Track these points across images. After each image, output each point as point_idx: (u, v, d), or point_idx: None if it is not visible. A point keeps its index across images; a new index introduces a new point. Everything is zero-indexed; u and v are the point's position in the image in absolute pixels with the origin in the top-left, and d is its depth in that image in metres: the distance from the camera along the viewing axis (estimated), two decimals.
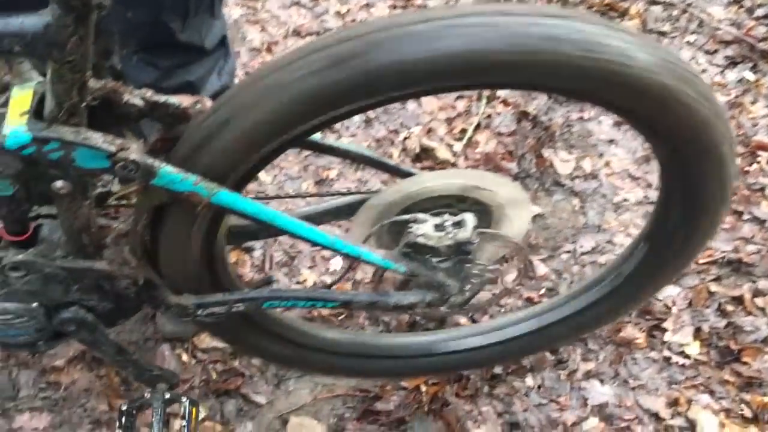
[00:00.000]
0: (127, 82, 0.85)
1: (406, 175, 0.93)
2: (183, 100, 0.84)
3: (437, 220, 0.86)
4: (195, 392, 1.42)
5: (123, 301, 0.93)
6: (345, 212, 0.99)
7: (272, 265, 1.64)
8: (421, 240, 0.85)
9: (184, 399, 1.13)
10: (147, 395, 1.12)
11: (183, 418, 1.12)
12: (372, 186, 1.78)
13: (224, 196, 0.81)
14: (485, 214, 0.88)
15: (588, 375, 1.48)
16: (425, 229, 0.85)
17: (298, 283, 1.62)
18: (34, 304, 0.93)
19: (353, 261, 0.86)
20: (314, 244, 0.86)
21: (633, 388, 1.46)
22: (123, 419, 1.11)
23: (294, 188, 1.78)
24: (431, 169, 1.85)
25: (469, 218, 0.86)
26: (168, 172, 0.79)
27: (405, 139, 1.90)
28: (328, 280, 1.63)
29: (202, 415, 1.39)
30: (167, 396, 1.11)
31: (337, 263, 1.65)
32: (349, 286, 1.60)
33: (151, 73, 1.18)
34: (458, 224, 0.85)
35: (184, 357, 1.47)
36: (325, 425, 1.39)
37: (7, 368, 1.40)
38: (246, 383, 1.44)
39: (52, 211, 0.88)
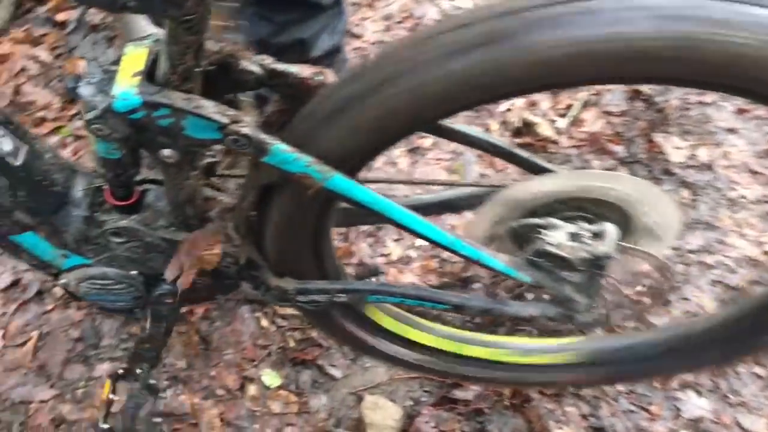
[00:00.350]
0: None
1: (539, 170, 0.83)
2: (303, 70, 0.77)
3: (573, 227, 0.76)
4: (271, 359, 1.39)
5: (222, 277, 0.88)
6: (463, 204, 0.90)
7: (357, 234, 1.57)
8: (552, 249, 0.76)
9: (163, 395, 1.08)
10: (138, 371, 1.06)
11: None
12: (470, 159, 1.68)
13: (338, 181, 0.74)
14: (626, 223, 0.78)
15: (684, 385, 1.37)
16: (559, 237, 0.76)
17: (382, 255, 1.56)
18: (134, 272, 0.90)
19: (471, 263, 0.77)
20: (431, 241, 0.78)
21: (733, 405, 1.35)
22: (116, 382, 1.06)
23: (386, 155, 1.70)
24: (530, 145, 1.74)
25: (611, 229, 0.76)
26: (281, 150, 0.72)
27: (506, 111, 1.79)
28: (414, 254, 1.56)
29: (277, 382, 1.36)
30: (151, 381, 1.06)
31: None
32: (435, 264, 1.52)
33: (264, 28, 1.11)
34: (597, 235, 0.76)
35: (264, 322, 1.43)
36: (400, 407, 1.34)
37: (91, 316, 1.40)
38: (323, 355, 1.40)
39: (160, 177, 0.83)
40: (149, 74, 0.71)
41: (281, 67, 0.76)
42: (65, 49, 1.80)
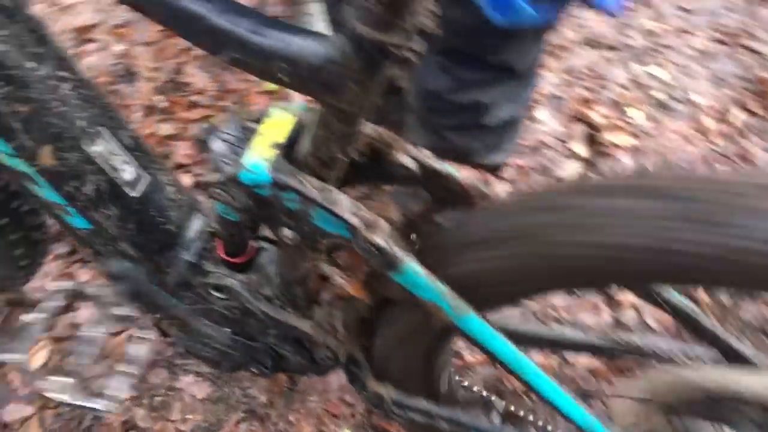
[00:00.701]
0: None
1: (735, 356, 0.65)
2: (465, 175, 0.64)
3: None
4: (354, 420, 1.28)
5: (317, 362, 0.79)
6: (615, 354, 0.74)
7: None
8: None
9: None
10: None
11: None
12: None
13: (472, 323, 0.61)
14: None
15: None
16: None
17: None
18: (227, 330, 0.81)
19: None
20: (562, 415, 0.63)
21: None
22: None
23: None
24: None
25: None
26: (413, 271, 0.60)
27: None
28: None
29: None
30: None
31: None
32: (555, 363, 1.35)
33: (443, 81, 0.97)
34: None
35: None
36: None
37: None
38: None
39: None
40: (288, 147, 0.61)
41: (439, 166, 0.64)
42: None
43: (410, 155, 0.64)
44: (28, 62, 0.64)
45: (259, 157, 0.60)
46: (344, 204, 0.59)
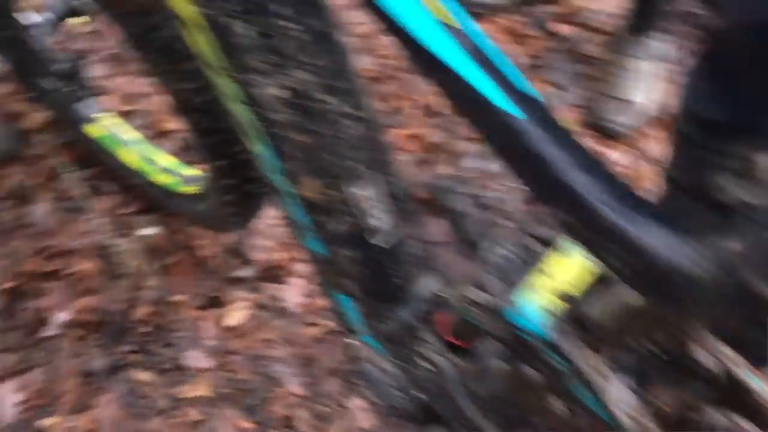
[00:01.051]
0: None
1: None
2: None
3: None
4: None
5: None
6: None
7: None
8: None
9: None
10: None
11: None
12: None
13: None
14: None
15: None
16: None
17: None
18: (417, 394, 0.76)
19: None
20: None
21: None
22: None
23: None
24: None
25: None
26: None
27: None
28: None
29: None
30: None
31: None
32: None
33: None
34: None
35: None
36: None
37: None
38: None
39: None
40: (577, 302, 0.51)
41: (747, 377, 0.51)
42: (541, 62, 1.55)
43: (715, 355, 0.51)
44: (325, 95, 0.58)
45: (538, 302, 0.51)
46: (620, 398, 0.49)
